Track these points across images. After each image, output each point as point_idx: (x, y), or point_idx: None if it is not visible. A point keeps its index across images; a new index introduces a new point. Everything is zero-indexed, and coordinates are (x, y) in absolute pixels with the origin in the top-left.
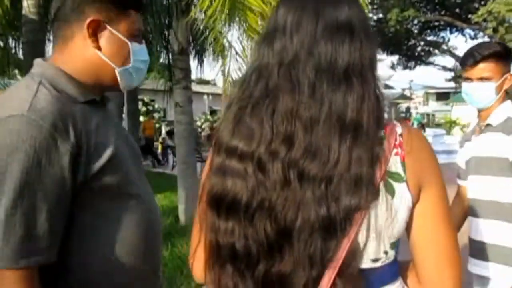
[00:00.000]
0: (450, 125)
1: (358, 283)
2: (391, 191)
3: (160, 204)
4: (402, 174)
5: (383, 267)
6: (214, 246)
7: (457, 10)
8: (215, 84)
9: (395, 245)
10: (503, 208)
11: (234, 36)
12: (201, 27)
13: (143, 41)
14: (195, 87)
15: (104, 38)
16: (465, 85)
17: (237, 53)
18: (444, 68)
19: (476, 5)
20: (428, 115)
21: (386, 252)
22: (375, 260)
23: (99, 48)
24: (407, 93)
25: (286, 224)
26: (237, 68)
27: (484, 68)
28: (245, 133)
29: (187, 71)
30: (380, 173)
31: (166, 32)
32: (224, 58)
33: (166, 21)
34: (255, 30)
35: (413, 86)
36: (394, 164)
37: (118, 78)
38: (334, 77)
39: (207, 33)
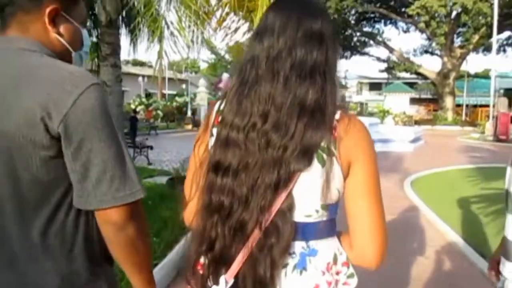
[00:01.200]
0: (383, 114)
1: (289, 235)
2: (321, 161)
3: None
4: (333, 149)
5: (315, 223)
6: (206, 202)
7: (392, 3)
8: (151, 66)
9: (327, 208)
10: None
11: (171, 16)
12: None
13: None
14: (130, 69)
15: (62, 25)
16: None
17: (172, 33)
18: (378, 59)
19: None
20: (361, 104)
21: (317, 211)
22: (308, 216)
23: (60, 34)
24: (342, 82)
25: (253, 182)
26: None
27: None
28: (240, 111)
29: (115, 46)
30: (316, 147)
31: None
32: (161, 38)
33: None
34: (194, 10)
35: (348, 75)
36: (329, 141)
37: (73, 60)
38: (302, 73)
39: (141, 6)
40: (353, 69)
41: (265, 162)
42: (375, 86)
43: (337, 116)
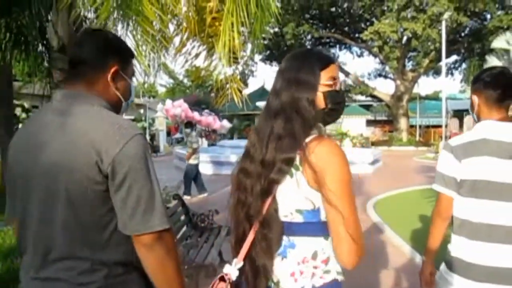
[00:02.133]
0: (341, 136)
1: (278, 229)
2: (290, 174)
3: None
4: (298, 165)
5: (291, 223)
6: (235, 200)
7: (346, 28)
8: None
9: (300, 212)
10: None
11: (128, 42)
12: (87, 22)
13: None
14: None
15: (119, 81)
16: None
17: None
18: None
19: (363, 25)
20: None
21: (291, 213)
22: (285, 216)
23: (117, 89)
24: None
25: (249, 193)
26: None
27: None
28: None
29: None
30: (288, 165)
31: (44, 25)
32: None
33: (43, 12)
34: (152, 35)
35: None
36: (297, 159)
37: (122, 109)
38: (271, 111)
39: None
40: None
41: (255, 174)
42: None
43: (308, 139)
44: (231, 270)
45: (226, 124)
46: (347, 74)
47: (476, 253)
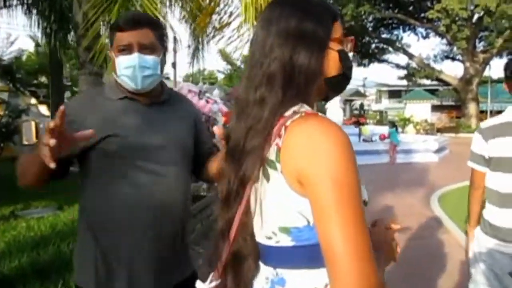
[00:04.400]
0: (404, 122)
1: (253, 250)
2: (266, 176)
3: None
4: (275, 162)
5: (277, 248)
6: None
7: (411, 8)
8: (168, 78)
9: (287, 231)
10: None
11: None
12: None
13: (133, 50)
14: None
15: (113, 58)
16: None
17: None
18: (397, 66)
19: (428, 3)
20: (381, 112)
21: (274, 233)
22: (268, 238)
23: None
24: (361, 90)
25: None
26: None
27: None
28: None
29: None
30: (262, 158)
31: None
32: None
33: None
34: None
35: (367, 83)
36: (272, 152)
37: (120, 83)
38: (254, 80)
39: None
40: (371, 76)
41: (231, 170)
42: (394, 94)
43: (288, 122)
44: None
45: (215, 107)
46: (411, 56)
47: (504, 219)
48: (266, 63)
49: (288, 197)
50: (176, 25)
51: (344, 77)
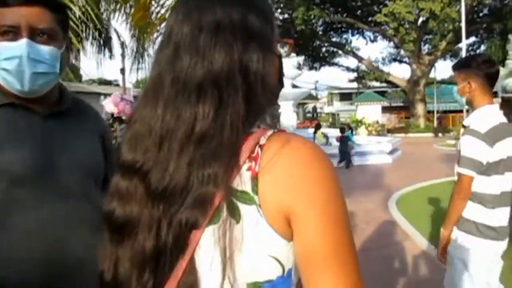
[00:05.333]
0: (356, 124)
1: None
2: (235, 215)
3: None
4: (251, 194)
5: None
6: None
7: (359, 12)
8: (117, 85)
9: (260, 287)
10: None
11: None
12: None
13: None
14: (95, 88)
15: None
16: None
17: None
18: (348, 69)
19: (376, 8)
20: (333, 114)
21: None
22: None
23: None
24: (313, 93)
25: (138, 248)
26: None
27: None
28: (131, 144)
29: None
30: (223, 191)
31: None
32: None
33: None
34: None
35: (319, 86)
36: (244, 181)
37: None
38: (185, 88)
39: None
40: (323, 79)
41: (144, 220)
42: (346, 96)
43: (262, 140)
44: None
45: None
46: (360, 59)
47: (498, 218)
48: (205, 67)
49: (263, 240)
50: (122, 30)
51: (281, 85)
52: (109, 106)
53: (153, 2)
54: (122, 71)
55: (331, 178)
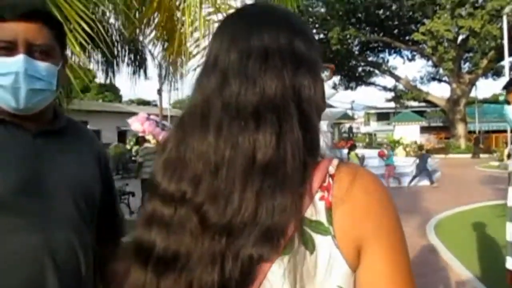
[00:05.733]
0: (394, 144)
1: None
2: (309, 245)
3: None
4: (326, 224)
5: None
6: None
7: (395, 31)
8: (156, 105)
9: None
10: None
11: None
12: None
13: (18, 50)
14: (134, 108)
15: None
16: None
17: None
18: (385, 88)
19: (413, 26)
20: (370, 134)
21: None
22: None
23: None
24: (349, 113)
25: (187, 284)
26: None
27: None
28: (174, 171)
29: None
30: (296, 221)
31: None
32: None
33: None
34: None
35: (355, 106)
36: (317, 210)
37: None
38: (240, 115)
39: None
40: (359, 99)
41: (203, 253)
42: (383, 116)
43: (331, 169)
44: None
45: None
46: (398, 78)
47: None
48: (257, 93)
49: (335, 271)
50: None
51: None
52: (135, 125)
53: (189, 38)
54: (159, 91)
55: (394, 211)
